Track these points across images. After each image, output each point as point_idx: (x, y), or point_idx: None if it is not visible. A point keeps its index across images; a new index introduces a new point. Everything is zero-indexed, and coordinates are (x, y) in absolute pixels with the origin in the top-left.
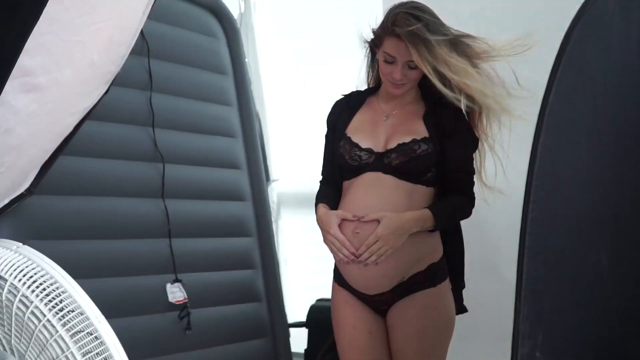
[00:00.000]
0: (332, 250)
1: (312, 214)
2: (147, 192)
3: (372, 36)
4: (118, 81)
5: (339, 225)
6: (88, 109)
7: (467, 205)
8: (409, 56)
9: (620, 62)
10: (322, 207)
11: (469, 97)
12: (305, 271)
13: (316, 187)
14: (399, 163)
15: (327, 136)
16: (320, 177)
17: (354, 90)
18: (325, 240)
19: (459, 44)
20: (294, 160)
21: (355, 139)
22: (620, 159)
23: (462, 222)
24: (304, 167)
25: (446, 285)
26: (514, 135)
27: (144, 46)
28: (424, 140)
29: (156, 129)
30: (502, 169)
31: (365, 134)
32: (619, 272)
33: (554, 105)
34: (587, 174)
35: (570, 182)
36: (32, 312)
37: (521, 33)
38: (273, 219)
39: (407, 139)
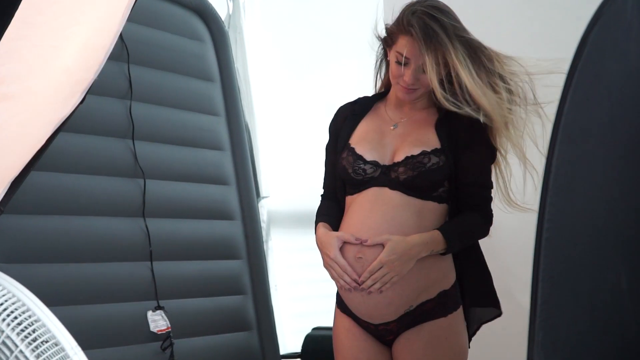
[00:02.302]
0: (332, 276)
1: (306, 234)
2: (127, 211)
3: (384, 34)
4: (95, 89)
5: (341, 249)
6: (62, 120)
7: (482, 223)
8: (422, 58)
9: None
10: (322, 227)
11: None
12: (298, 297)
13: (310, 204)
14: (406, 178)
15: (328, 146)
16: (321, 192)
17: (361, 96)
18: (325, 265)
19: (478, 54)
20: (286, 176)
21: (359, 150)
22: None
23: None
24: (297, 182)
25: (458, 315)
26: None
27: (123, 51)
28: (434, 152)
29: (136, 142)
30: (534, 184)
31: (371, 144)
32: None
33: (569, 115)
34: (605, 190)
35: (587, 198)
36: (3, 343)
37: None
38: (263, 240)
39: (416, 151)
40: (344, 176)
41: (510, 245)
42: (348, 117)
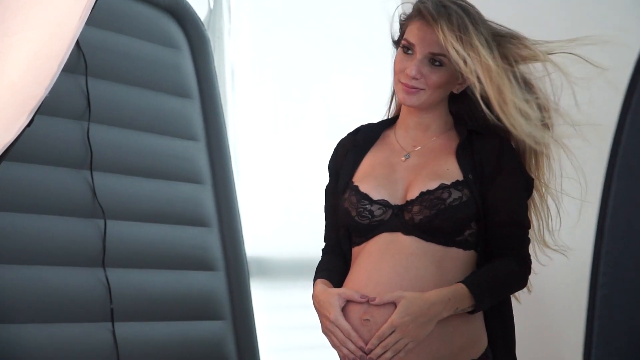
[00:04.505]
0: (333, 344)
1: (293, 288)
2: (83, 259)
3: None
4: (45, 109)
5: (343, 309)
6: (5, 147)
7: (519, 272)
8: (433, 46)
9: None
10: (321, 284)
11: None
12: None
13: (299, 251)
14: (423, 219)
15: (328, 188)
16: (322, 245)
17: (364, 123)
18: (324, 329)
19: (502, 41)
20: (273, 215)
21: (364, 188)
22: None
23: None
24: (288, 224)
25: None
26: (576, 181)
27: (80, 61)
28: (455, 185)
29: (95, 173)
30: (559, 220)
31: (378, 180)
32: None
33: (628, 144)
34: None
35: None
36: None
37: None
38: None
39: (433, 185)
40: (348, 221)
41: (557, 299)
42: (350, 151)
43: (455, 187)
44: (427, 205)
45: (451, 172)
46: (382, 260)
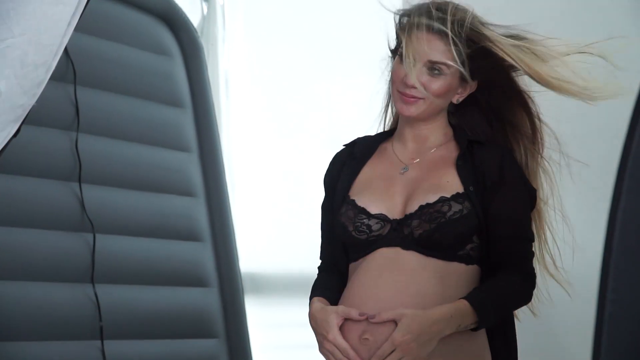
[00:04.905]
0: None
1: (289, 305)
2: (71, 275)
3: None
4: (33, 118)
5: (341, 328)
6: None
7: (523, 287)
8: (432, 54)
9: None
10: (318, 302)
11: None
12: None
13: (295, 267)
14: (422, 233)
15: (324, 204)
16: (319, 262)
17: (361, 136)
18: (322, 349)
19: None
20: (267, 230)
21: (361, 202)
22: None
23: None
24: (278, 239)
25: None
26: (580, 196)
27: (68, 69)
28: (456, 197)
29: (84, 185)
30: (562, 243)
31: (376, 194)
32: None
33: (638, 156)
34: None
35: None
36: None
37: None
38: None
39: (433, 198)
40: (344, 237)
41: (563, 319)
42: (346, 164)
43: (456, 199)
44: (426, 219)
45: (451, 184)
46: (381, 276)
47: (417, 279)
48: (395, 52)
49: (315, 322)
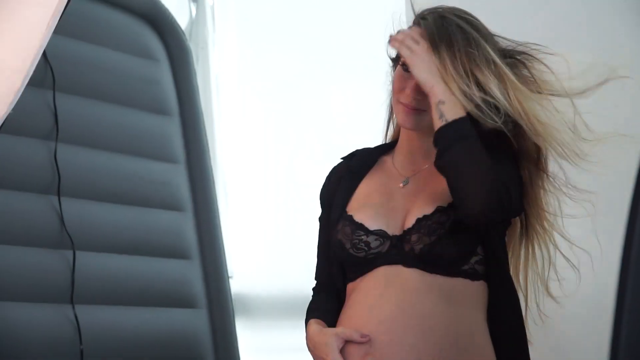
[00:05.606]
0: None
1: (282, 329)
2: (49, 295)
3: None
4: (8, 127)
5: (342, 351)
6: None
7: (493, 177)
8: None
9: None
10: (315, 325)
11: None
12: None
13: (289, 287)
14: (423, 248)
15: (321, 220)
16: (314, 283)
17: (359, 148)
18: None
19: (516, 62)
20: (256, 246)
21: (359, 218)
22: None
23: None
24: (271, 258)
25: None
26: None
27: (47, 74)
28: (454, 206)
29: (63, 198)
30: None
31: (375, 209)
32: None
33: None
34: None
35: None
36: None
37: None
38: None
39: (429, 209)
40: (342, 255)
41: (576, 337)
42: (344, 178)
43: (454, 208)
44: (425, 232)
45: (448, 192)
46: (383, 296)
47: (422, 298)
48: (397, 61)
49: (314, 345)
